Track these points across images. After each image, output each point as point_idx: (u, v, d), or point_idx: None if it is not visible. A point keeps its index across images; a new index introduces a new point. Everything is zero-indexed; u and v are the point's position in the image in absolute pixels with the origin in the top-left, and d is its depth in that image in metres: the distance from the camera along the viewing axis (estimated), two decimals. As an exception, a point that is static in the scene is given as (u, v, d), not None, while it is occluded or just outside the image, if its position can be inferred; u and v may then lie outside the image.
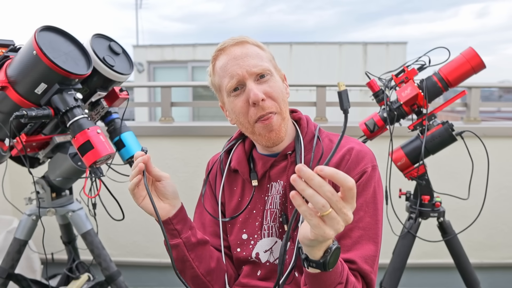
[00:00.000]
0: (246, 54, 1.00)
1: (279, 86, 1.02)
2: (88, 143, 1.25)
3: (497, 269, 2.48)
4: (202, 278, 1.03)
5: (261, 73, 0.99)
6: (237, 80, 0.99)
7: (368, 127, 1.66)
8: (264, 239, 1.07)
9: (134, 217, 2.44)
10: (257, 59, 1.00)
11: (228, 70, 1.00)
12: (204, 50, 9.36)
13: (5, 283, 1.65)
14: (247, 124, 1.02)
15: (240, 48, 1.01)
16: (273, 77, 1.01)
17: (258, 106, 0.98)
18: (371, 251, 0.95)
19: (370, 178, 0.99)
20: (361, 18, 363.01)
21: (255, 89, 0.97)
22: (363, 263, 0.93)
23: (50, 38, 1.27)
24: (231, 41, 1.02)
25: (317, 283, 0.82)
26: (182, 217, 1.01)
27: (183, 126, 2.59)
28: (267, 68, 1.00)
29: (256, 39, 1.05)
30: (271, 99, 0.99)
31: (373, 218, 0.97)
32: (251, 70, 0.98)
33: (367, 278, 0.94)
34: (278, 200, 1.06)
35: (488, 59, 2.70)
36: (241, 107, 1.00)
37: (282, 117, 1.01)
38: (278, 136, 1.01)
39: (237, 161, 1.12)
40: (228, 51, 1.01)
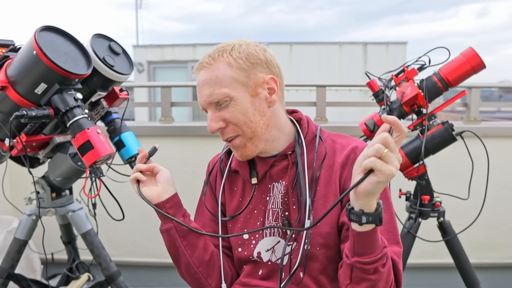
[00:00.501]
0: (204, 82, 1.02)
1: (239, 109, 1.01)
2: (88, 143, 1.25)
3: (497, 269, 2.48)
4: (194, 268, 1.07)
5: (218, 101, 1.01)
6: (203, 108, 1.05)
7: (368, 127, 1.67)
8: (266, 238, 1.07)
9: (134, 217, 2.44)
10: (214, 87, 1.00)
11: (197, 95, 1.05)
12: (204, 50, 9.19)
13: (5, 283, 1.65)
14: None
15: (203, 73, 1.02)
16: (234, 101, 1.00)
17: (221, 133, 1.05)
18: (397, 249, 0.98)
19: None
20: (361, 18, 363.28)
21: (209, 121, 1.03)
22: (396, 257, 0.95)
23: (50, 38, 1.27)
24: (198, 65, 1.04)
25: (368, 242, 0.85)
26: (175, 203, 1.07)
27: (183, 126, 2.59)
28: (222, 95, 1.00)
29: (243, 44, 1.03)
30: (232, 124, 1.03)
31: (388, 213, 1.01)
32: (207, 101, 1.02)
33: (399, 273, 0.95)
34: (280, 199, 1.06)
35: (488, 59, 2.69)
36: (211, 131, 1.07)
37: (247, 137, 1.04)
38: (245, 155, 1.06)
39: (237, 162, 1.12)
40: (197, 74, 1.05)
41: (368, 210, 0.81)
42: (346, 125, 2.42)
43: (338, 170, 1.03)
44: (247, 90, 1.02)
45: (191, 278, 1.09)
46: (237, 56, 1.01)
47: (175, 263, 1.10)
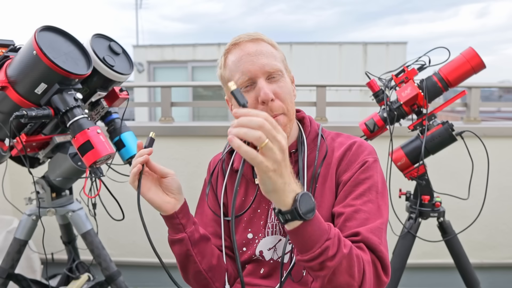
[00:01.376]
0: (260, 52, 0.99)
1: (288, 87, 1.02)
2: (88, 143, 1.25)
3: (497, 269, 2.48)
4: (204, 274, 1.05)
5: (273, 72, 0.99)
6: (249, 77, 0.99)
7: (368, 127, 1.67)
8: (268, 237, 1.07)
9: (134, 217, 2.43)
10: (271, 58, 1.00)
11: (241, 65, 0.99)
12: (204, 50, 9.36)
13: (5, 283, 1.65)
14: None
15: (255, 45, 1.00)
16: (284, 78, 1.02)
17: (267, 105, 0.98)
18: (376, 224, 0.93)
19: (372, 166, 1.01)
20: (361, 18, 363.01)
21: (265, 88, 0.97)
22: (368, 233, 0.90)
23: (50, 38, 1.27)
24: (247, 37, 1.02)
25: (301, 239, 0.80)
26: (186, 212, 1.03)
27: (183, 126, 2.59)
28: (279, 68, 1.00)
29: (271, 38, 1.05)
30: (280, 100, 1.00)
31: (374, 203, 0.97)
32: (263, 69, 0.98)
33: (377, 251, 0.89)
34: None
35: (488, 59, 2.69)
36: (249, 103, 1.00)
37: (289, 119, 1.02)
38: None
39: (239, 161, 1.12)
40: (242, 46, 1.01)
41: (285, 207, 0.77)
42: (346, 125, 2.42)
43: (335, 166, 1.04)
44: (287, 75, 1.05)
45: (199, 284, 1.07)
46: (276, 45, 1.05)
47: (182, 270, 1.07)
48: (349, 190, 0.99)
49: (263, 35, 1.04)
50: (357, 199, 0.96)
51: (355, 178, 0.99)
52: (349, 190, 0.99)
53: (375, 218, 0.94)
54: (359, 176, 0.99)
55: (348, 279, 0.83)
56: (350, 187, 0.99)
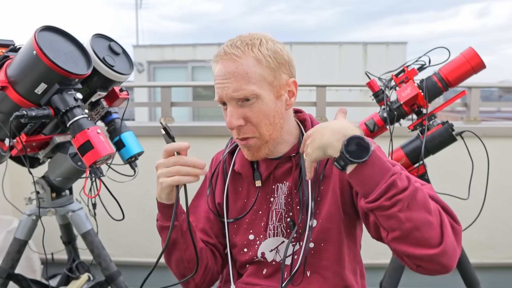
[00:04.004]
0: (232, 74, 0.95)
1: (264, 110, 0.97)
2: (88, 143, 1.25)
3: (497, 269, 2.48)
4: (185, 263, 1.06)
5: (242, 98, 0.96)
6: (220, 99, 0.99)
7: (368, 127, 1.66)
8: (269, 239, 1.07)
9: (134, 217, 2.44)
10: (242, 82, 0.94)
11: (216, 86, 0.99)
12: (204, 50, 9.36)
13: (5, 283, 1.65)
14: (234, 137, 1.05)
15: (231, 64, 0.95)
16: (259, 100, 0.97)
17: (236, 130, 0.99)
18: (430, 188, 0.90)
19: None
20: (361, 18, 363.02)
21: (230, 116, 0.97)
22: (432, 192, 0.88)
23: (50, 38, 1.27)
24: (224, 56, 0.97)
25: (364, 178, 0.81)
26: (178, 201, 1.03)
27: (183, 126, 2.59)
28: (250, 92, 0.95)
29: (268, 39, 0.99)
30: (251, 124, 0.99)
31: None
32: (231, 95, 0.96)
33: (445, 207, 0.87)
34: (283, 200, 1.07)
35: (488, 59, 2.69)
36: (227, 122, 1.00)
37: (264, 141, 1.01)
38: (256, 156, 1.03)
39: (240, 164, 1.11)
40: (220, 64, 0.98)
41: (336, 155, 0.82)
42: (346, 125, 2.42)
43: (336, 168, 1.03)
44: (272, 91, 0.98)
45: (179, 271, 1.09)
46: (266, 54, 0.96)
47: (167, 254, 1.07)
48: None
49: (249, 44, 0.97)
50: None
51: None
52: None
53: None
54: None
55: (426, 215, 0.79)
56: None
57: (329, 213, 1.01)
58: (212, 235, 1.14)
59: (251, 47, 0.96)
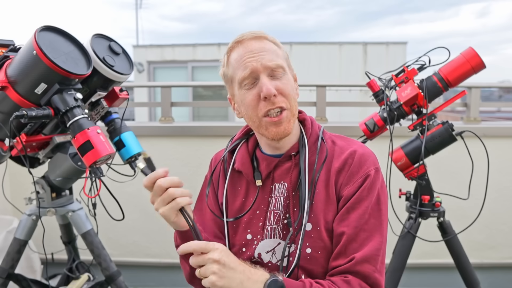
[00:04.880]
0: (263, 49, 1.00)
1: (291, 84, 1.03)
2: (88, 143, 1.25)
3: (497, 269, 2.48)
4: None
5: (275, 68, 1.00)
6: (251, 72, 0.99)
7: (368, 127, 1.66)
8: (266, 240, 1.07)
9: (134, 217, 2.44)
10: (273, 55, 1.01)
11: (243, 62, 1.00)
12: (204, 50, 9.35)
13: (5, 283, 1.65)
14: (255, 118, 1.02)
15: (258, 42, 1.01)
16: (286, 75, 1.03)
17: (269, 100, 0.99)
18: (374, 247, 0.96)
19: (374, 181, 1.01)
20: (361, 18, 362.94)
21: (268, 84, 0.98)
22: (364, 262, 0.94)
23: (50, 38, 1.27)
24: (250, 35, 1.02)
25: None
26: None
27: (183, 126, 2.59)
28: (281, 65, 1.01)
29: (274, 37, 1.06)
30: (282, 96, 1.00)
31: (377, 219, 0.99)
32: (266, 64, 0.99)
33: (370, 278, 0.94)
34: (282, 202, 1.06)
35: (488, 59, 2.69)
36: (252, 100, 1.00)
37: (292, 113, 1.03)
38: (286, 131, 1.02)
39: (240, 162, 1.12)
40: (245, 44, 1.02)
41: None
42: (346, 125, 2.42)
43: (334, 175, 1.03)
44: (290, 72, 1.06)
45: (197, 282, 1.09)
46: (278, 42, 1.05)
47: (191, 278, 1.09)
48: (352, 207, 0.99)
49: (266, 33, 1.04)
50: (360, 218, 0.97)
51: (358, 195, 0.99)
52: (352, 207, 0.99)
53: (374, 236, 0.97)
54: (362, 193, 0.99)
55: None
56: (353, 203, 0.99)
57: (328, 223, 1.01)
58: (222, 237, 1.14)
59: (265, 35, 1.04)
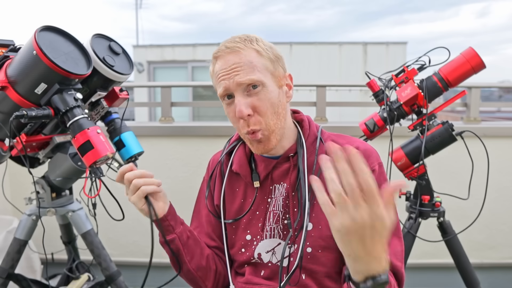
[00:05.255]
0: (237, 64, 0.97)
1: (269, 98, 0.99)
2: (88, 143, 1.25)
3: (497, 269, 2.48)
4: (193, 273, 1.10)
5: (250, 84, 0.98)
6: (225, 90, 0.99)
7: (368, 127, 1.66)
8: (266, 240, 1.07)
9: (134, 217, 2.43)
10: (248, 70, 0.97)
11: (218, 79, 1.00)
12: (204, 50, 9.36)
13: (5, 283, 1.65)
14: (239, 132, 1.05)
15: (233, 56, 0.98)
16: (264, 88, 0.99)
17: (245, 121, 0.99)
18: (398, 246, 0.99)
19: (379, 176, 1.02)
20: (362, 18, 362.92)
21: (240, 105, 0.97)
22: (395, 259, 0.96)
23: (50, 38, 1.26)
24: (225, 49, 1.00)
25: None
26: (174, 213, 1.07)
27: (183, 126, 2.59)
28: (256, 80, 0.97)
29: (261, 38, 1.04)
30: (258, 114, 0.99)
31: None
32: (238, 81, 0.97)
33: (399, 274, 0.97)
34: (281, 202, 1.06)
35: (488, 59, 2.70)
36: (232, 116, 1.02)
37: (270, 131, 1.01)
38: (268, 148, 1.03)
39: (238, 164, 1.12)
40: (221, 59, 1.00)
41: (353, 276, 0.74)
42: (346, 125, 2.42)
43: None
44: (274, 81, 1.02)
45: (190, 281, 1.13)
46: (264, 47, 1.01)
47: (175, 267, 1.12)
48: None
49: (247, 40, 1.00)
50: None
51: None
52: None
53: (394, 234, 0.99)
54: None
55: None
56: None
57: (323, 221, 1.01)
58: (216, 238, 1.15)
59: (249, 42, 1.00)
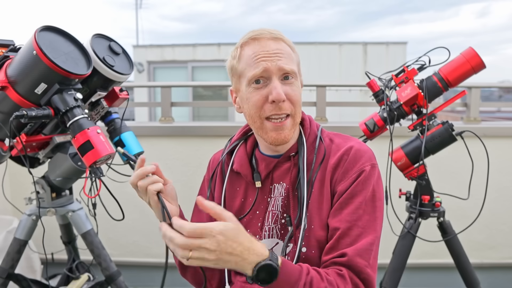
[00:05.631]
0: (279, 50, 0.99)
1: (299, 91, 1.04)
2: (88, 143, 1.25)
3: (497, 269, 2.48)
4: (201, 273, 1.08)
5: (289, 72, 0.99)
6: (264, 71, 0.98)
7: (368, 127, 1.66)
8: (264, 240, 1.07)
9: (134, 217, 2.44)
10: (289, 59, 1.00)
11: (257, 60, 0.98)
12: (204, 50, 9.35)
13: (5, 283, 1.65)
14: (257, 118, 1.02)
15: (275, 43, 1.00)
16: (296, 82, 1.03)
17: (276, 105, 0.98)
18: (366, 245, 0.94)
19: (368, 176, 1.00)
20: (362, 18, 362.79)
21: (279, 88, 0.97)
22: (355, 256, 0.92)
23: (50, 38, 1.27)
24: (268, 34, 1.00)
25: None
26: (182, 216, 1.06)
27: (183, 126, 2.59)
28: (294, 70, 1.01)
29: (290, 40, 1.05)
30: (290, 102, 1.00)
31: (371, 216, 0.97)
32: (281, 66, 0.98)
33: (362, 273, 0.92)
34: (280, 202, 1.06)
35: (488, 59, 2.69)
36: (258, 100, 1.00)
37: (295, 122, 1.03)
38: (286, 138, 1.02)
39: (239, 164, 1.12)
40: (262, 42, 0.99)
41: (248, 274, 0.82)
42: (346, 125, 2.42)
43: (329, 172, 1.02)
44: (299, 78, 1.06)
45: (195, 281, 1.13)
46: (293, 46, 1.04)
47: (182, 269, 1.12)
48: (345, 202, 0.98)
49: (284, 35, 1.03)
50: (353, 213, 0.96)
51: (352, 190, 0.98)
52: (345, 202, 0.98)
53: (368, 233, 0.95)
54: (356, 188, 0.98)
55: None
56: (346, 199, 0.98)
57: (322, 221, 1.01)
58: None
59: (282, 37, 1.02)
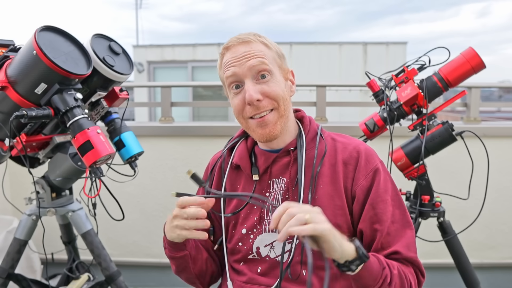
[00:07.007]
0: (247, 53, 1.02)
1: (279, 86, 1.04)
2: (88, 143, 1.25)
3: (497, 269, 2.48)
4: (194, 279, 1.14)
5: (260, 72, 1.02)
6: (233, 75, 1.03)
7: (368, 127, 1.66)
8: (264, 234, 1.08)
9: (134, 217, 2.44)
10: (258, 59, 1.02)
11: (228, 66, 1.04)
12: (204, 50, 9.35)
13: (5, 283, 1.65)
14: (242, 120, 1.07)
15: (244, 47, 1.03)
16: (274, 77, 1.04)
17: (253, 105, 1.02)
18: (410, 238, 1.03)
19: (384, 173, 1.06)
20: (362, 17, 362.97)
21: (250, 90, 1.01)
22: (407, 251, 1.01)
23: (50, 38, 1.27)
24: (236, 40, 1.05)
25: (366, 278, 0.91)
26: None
27: (183, 126, 2.59)
28: (266, 68, 1.02)
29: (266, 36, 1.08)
30: (269, 99, 1.03)
31: (401, 208, 1.04)
32: (249, 69, 1.01)
33: (415, 263, 1.03)
34: (280, 196, 1.07)
35: (488, 59, 2.70)
36: (238, 104, 1.04)
37: (280, 114, 1.04)
38: (272, 133, 1.04)
39: (239, 157, 1.14)
40: (232, 49, 1.04)
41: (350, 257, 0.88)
42: (346, 125, 2.43)
43: (340, 168, 1.05)
44: (281, 73, 1.07)
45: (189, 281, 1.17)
46: (271, 42, 1.07)
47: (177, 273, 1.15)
48: (376, 202, 1.02)
49: (256, 35, 1.06)
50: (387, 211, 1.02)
51: (376, 190, 1.03)
52: (375, 202, 1.02)
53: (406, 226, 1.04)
54: (378, 187, 1.03)
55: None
56: (374, 199, 1.02)
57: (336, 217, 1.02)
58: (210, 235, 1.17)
59: (258, 36, 1.06)
